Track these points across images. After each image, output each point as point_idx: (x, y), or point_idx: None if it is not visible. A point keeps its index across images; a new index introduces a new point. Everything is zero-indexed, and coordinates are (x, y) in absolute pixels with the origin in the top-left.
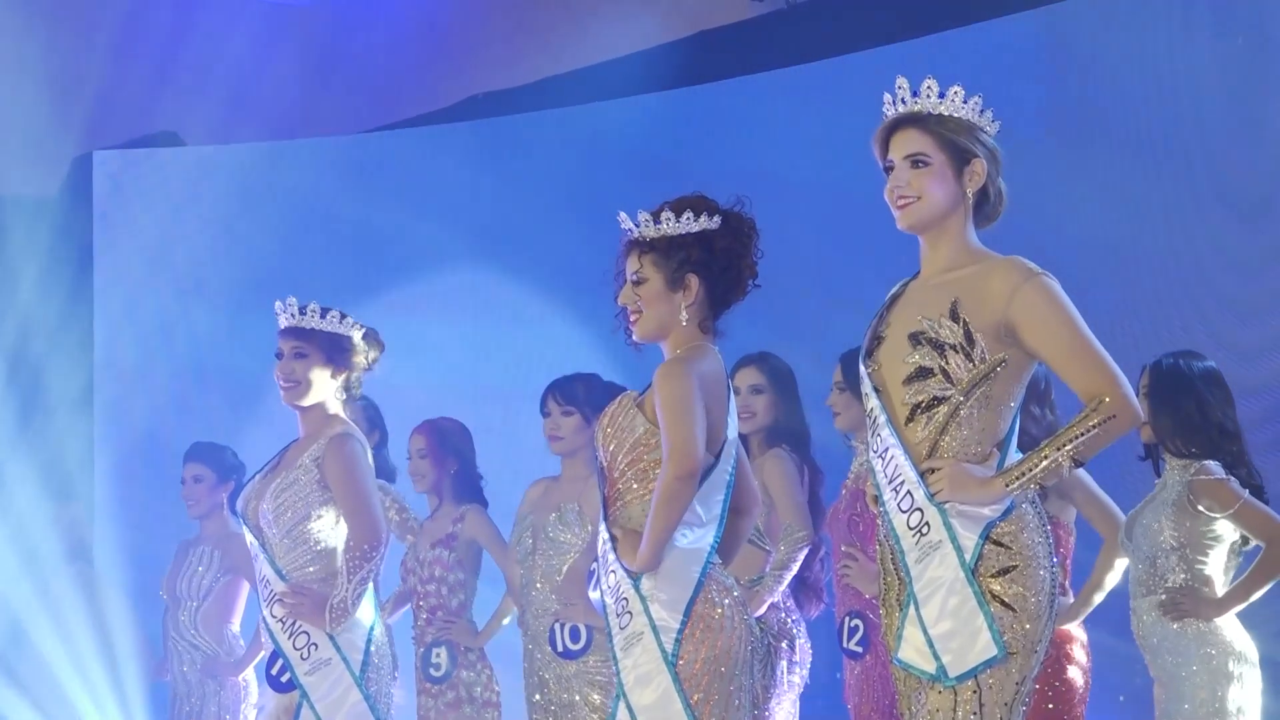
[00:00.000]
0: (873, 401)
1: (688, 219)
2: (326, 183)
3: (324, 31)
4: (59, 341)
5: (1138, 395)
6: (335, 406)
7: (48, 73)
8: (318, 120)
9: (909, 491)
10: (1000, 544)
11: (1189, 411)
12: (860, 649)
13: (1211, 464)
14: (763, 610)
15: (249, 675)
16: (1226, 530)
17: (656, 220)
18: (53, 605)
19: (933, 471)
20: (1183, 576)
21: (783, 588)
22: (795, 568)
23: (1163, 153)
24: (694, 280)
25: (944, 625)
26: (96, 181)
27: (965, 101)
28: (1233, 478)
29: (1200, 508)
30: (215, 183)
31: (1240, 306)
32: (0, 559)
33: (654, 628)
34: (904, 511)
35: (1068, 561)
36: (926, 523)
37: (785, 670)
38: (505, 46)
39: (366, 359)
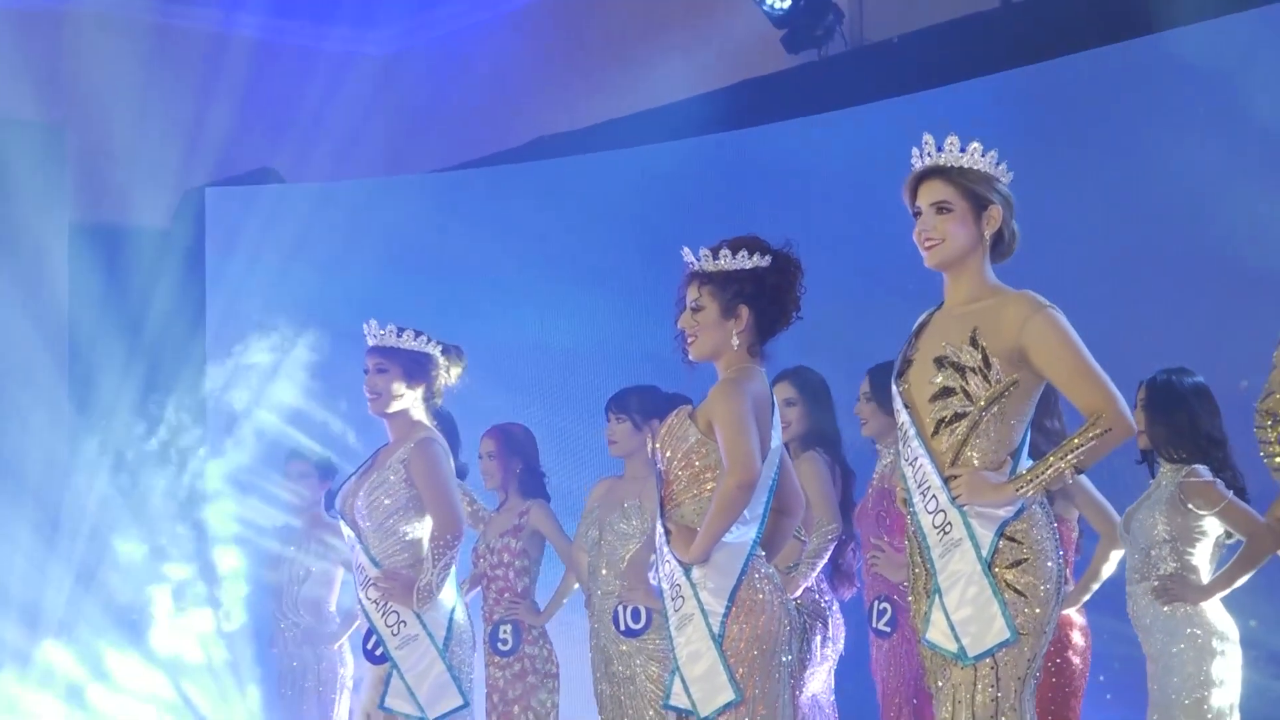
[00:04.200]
0: (904, 416)
1: (742, 256)
2: (413, 216)
3: (405, 80)
4: (176, 362)
5: (1135, 407)
6: (419, 414)
7: (168, 114)
8: (405, 160)
9: (934, 495)
10: (1013, 540)
11: (1181, 422)
12: (889, 629)
13: (1200, 468)
14: (798, 593)
15: (345, 649)
16: (1213, 526)
17: (715, 256)
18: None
19: (955, 478)
20: (1173, 565)
21: (815, 574)
22: (826, 556)
23: (1162, 218)
24: (745, 310)
25: (964, 612)
26: (209, 215)
27: (984, 155)
28: (1219, 480)
29: (1190, 506)
30: (320, 218)
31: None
32: (135, 567)
33: (703, 611)
34: (930, 513)
35: (1071, 554)
36: (949, 522)
37: (819, 645)
38: (566, 92)
39: (447, 372)
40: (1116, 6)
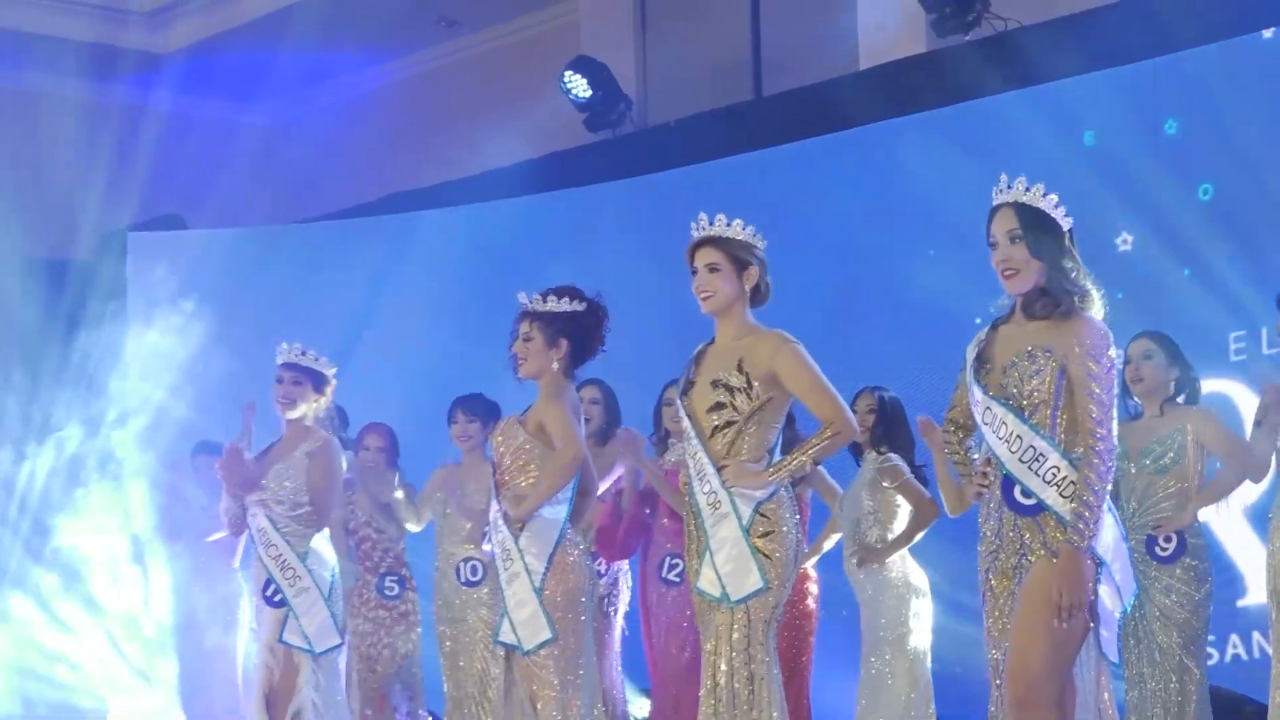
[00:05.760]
0: (687, 423)
1: (565, 301)
2: (303, 260)
3: (285, 145)
4: (107, 373)
5: (865, 411)
6: (311, 420)
7: (100, 169)
8: (285, 212)
9: (709, 480)
10: (765, 515)
11: (901, 428)
12: (677, 580)
13: (893, 455)
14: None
15: (245, 597)
16: (905, 502)
17: (544, 299)
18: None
19: (725, 467)
20: (877, 533)
21: None
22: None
23: (873, 276)
24: (564, 343)
25: (728, 567)
26: (131, 253)
27: (744, 228)
28: (903, 464)
29: (884, 484)
30: (222, 259)
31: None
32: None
33: (527, 570)
34: (705, 494)
35: (806, 525)
36: (719, 500)
37: (616, 598)
38: (413, 157)
39: (332, 390)
40: (828, 107)
